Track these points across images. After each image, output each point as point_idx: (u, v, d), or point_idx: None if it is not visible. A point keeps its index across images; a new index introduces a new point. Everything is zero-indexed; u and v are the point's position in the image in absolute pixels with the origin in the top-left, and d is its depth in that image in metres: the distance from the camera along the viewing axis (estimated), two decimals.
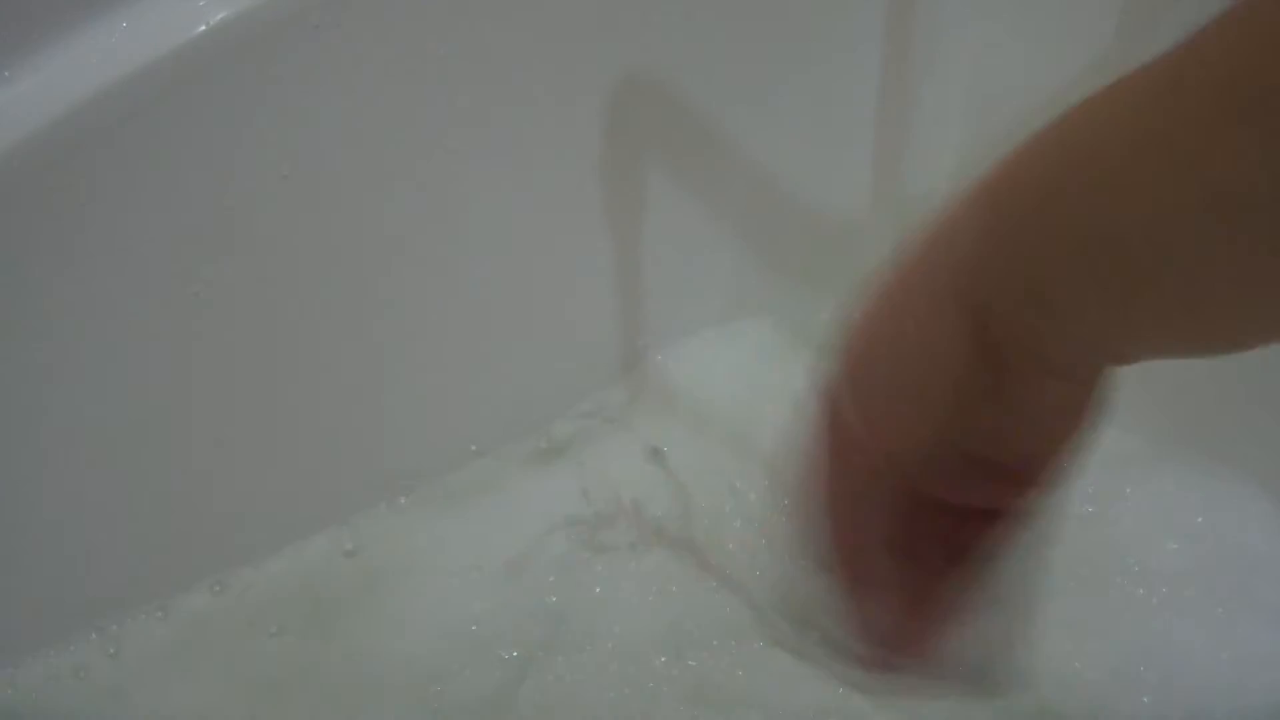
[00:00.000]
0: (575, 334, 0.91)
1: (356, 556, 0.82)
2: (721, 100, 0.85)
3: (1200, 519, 0.79)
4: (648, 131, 0.85)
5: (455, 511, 0.85)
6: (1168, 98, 0.32)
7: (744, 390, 0.93)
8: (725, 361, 0.96)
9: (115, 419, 0.74)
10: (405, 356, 0.83)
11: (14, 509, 0.73)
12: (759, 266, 0.95)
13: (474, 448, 0.88)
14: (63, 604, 0.76)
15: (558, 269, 0.87)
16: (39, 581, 0.75)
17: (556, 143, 0.82)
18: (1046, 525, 0.44)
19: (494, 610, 0.79)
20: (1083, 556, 0.76)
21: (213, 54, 0.68)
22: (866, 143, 0.65)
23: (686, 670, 0.76)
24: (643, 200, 0.87)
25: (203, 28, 0.67)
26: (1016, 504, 0.43)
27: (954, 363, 0.39)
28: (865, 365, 0.43)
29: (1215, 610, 0.73)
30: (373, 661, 0.78)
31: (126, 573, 0.77)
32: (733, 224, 0.92)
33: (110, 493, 0.75)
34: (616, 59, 0.81)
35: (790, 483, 0.48)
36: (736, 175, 0.89)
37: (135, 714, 0.73)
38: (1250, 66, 0.29)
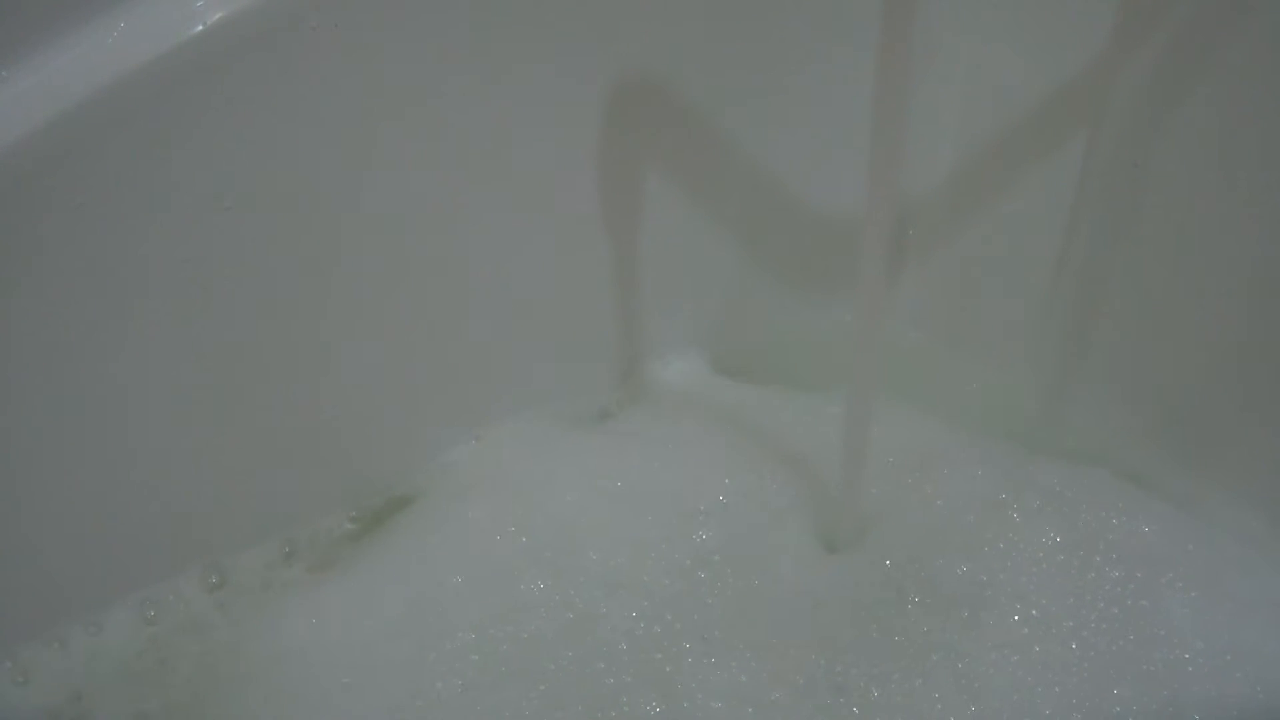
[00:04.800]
0: (574, 335, 0.91)
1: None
2: (721, 101, 0.86)
3: (1175, 512, 0.79)
4: (648, 132, 0.85)
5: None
6: None
7: (743, 390, 0.93)
8: (723, 362, 0.96)
9: (111, 417, 0.74)
10: (403, 356, 0.83)
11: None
12: (758, 267, 0.95)
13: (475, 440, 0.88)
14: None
15: (557, 270, 0.87)
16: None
17: (556, 143, 0.82)
18: None
19: None
20: (1057, 542, 0.76)
21: (210, 54, 0.68)
22: (865, 143, 0.65)
23: None
24: (642, 201, 0.87)
25: (200, 28, 0.67)
26: None
27: None
28: None
29: (1190, 600, 0.73)
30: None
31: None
32: (732, 224, 0.92)
33: (103, 489, 0.76)
34: (616, 59, 0.81)
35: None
36: (736, 176, 0.89)
37: None
38: None
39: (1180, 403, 0.81)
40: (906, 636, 0.74)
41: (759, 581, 0.78)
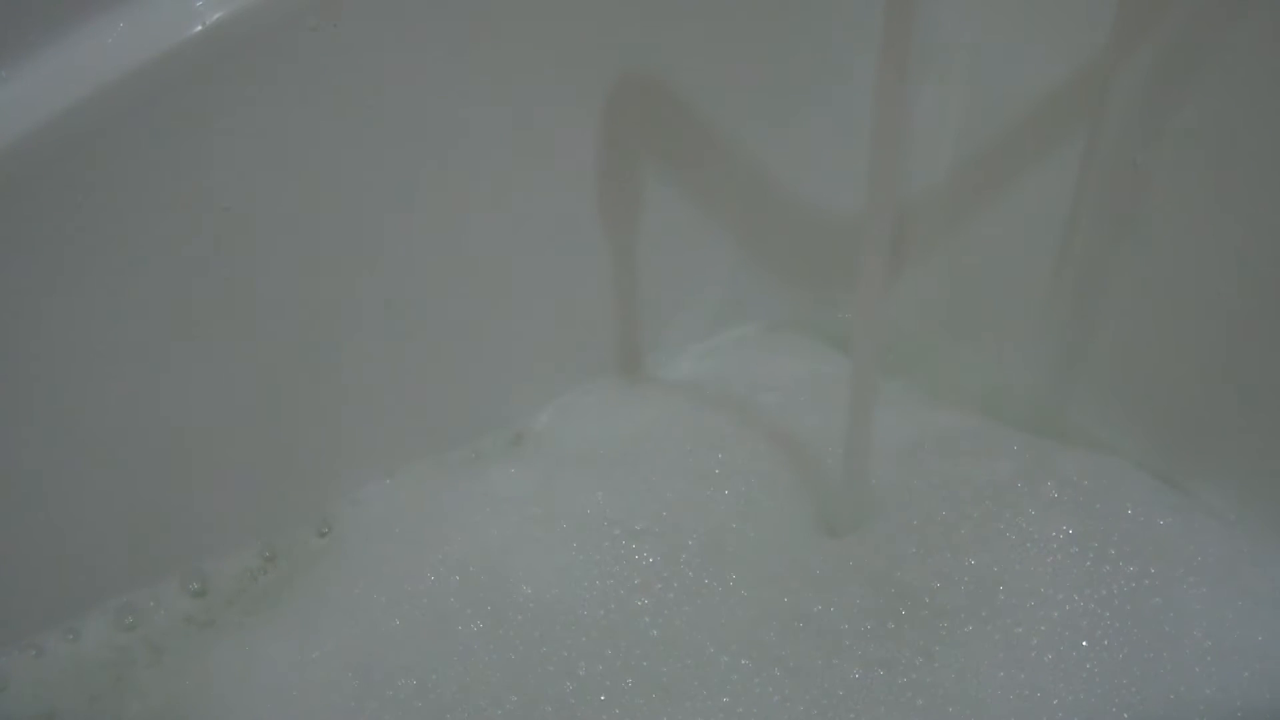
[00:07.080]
0: (574, 335, 0.91)
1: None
2: (721, 101, 0.86)
3: (1191, 502, 0.78)
4: (647, 133, 0.85)
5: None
6: None
7: (740, 390, 0.93)
8: (723, 361, 0.96)
9: (111, 416, 0.74)
10: (400, 355, 0.83)
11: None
12: (758, 267, 0.95)
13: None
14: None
15: (557, 269, 0.87)
16: None
17: (555, 143, 0.82)
18: None
19: None
20: (1069, 534, 0.76)
21: (210, 54, 0.68)
22: (865, 143, 0.65)
23: None
24: (641, 201, 0.87)
25: (200, 28, 0.67)
26: None
27: None
28: None
29: (1203, 596, 0.72)
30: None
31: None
32: (732, 224, 0.92)
33: (103, 491, 0.76)
34: (616, 60, 0.81)
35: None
36: (735, 176, 0.89)
37: None
38: None
39: (1180, 401, 0.81)
40: (891, 664, 0.71)
41: (715, 601, 0.75)
